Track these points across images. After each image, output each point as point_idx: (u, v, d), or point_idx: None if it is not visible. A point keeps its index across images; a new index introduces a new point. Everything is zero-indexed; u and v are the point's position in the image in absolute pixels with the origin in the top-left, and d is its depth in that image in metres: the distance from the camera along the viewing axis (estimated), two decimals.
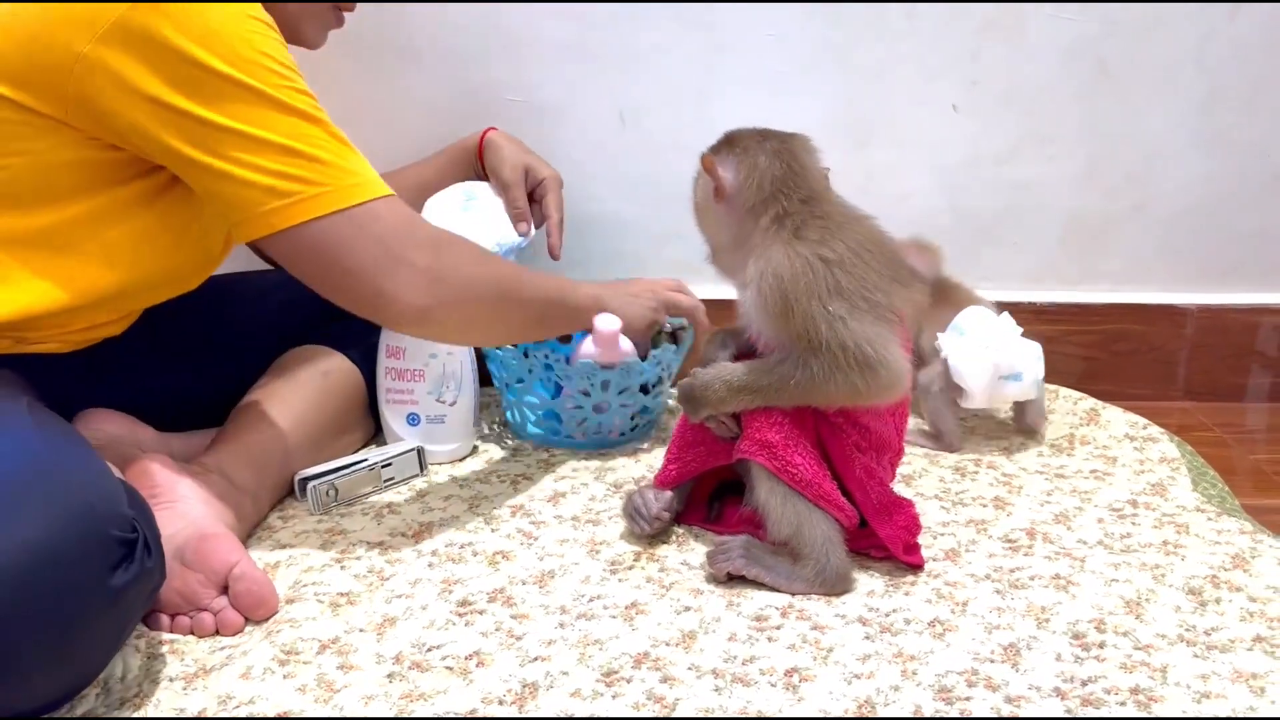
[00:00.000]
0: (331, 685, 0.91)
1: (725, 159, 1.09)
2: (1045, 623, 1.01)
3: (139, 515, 0.87)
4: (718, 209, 1.10)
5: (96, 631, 0.84)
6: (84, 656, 0.85)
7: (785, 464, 1.05)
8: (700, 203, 1.13)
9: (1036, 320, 1.63)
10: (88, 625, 0.82)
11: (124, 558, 0.84)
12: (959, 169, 1.61)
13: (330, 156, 1.02)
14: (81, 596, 0.81)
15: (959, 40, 1.55)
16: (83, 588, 0.81)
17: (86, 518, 0.82)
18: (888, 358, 1.03)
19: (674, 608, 1.03)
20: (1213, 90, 1.58)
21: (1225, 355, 1.65)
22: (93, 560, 0.81)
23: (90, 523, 0.82)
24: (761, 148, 1.08)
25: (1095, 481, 1.31)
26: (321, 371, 1.31)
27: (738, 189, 1.08)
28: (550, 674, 0.93)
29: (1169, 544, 1.15)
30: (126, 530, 0.84)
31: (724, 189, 1.08)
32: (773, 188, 1.07)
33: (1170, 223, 1.63)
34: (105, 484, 0.87)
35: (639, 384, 1.37)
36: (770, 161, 1.07)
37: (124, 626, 0.89)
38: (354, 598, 1.05)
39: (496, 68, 1.55)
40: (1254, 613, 1.02)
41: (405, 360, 1.32)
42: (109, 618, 0.84)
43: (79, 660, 0.84)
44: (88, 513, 0.82)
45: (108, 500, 0.85)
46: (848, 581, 1.07)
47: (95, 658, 0.86)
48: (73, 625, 0.81)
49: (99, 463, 0.90)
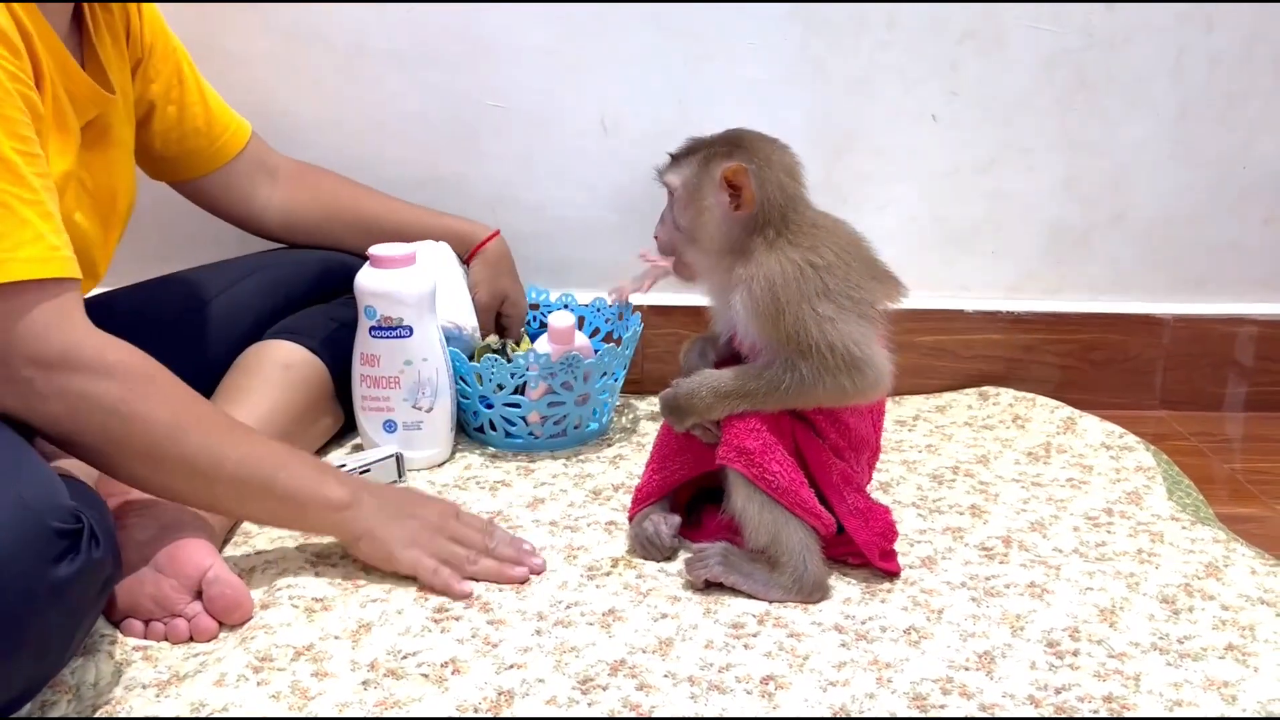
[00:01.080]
0: (306, 692, 0.91)
1: (749, 169, 1.06)
2: (1020, 630, 1.01)
3: (84, 506, 0.86)
4: (728, 217, 1.08)
5: (46, 626, 0.82)
6: (38, 652, 0.83)
7: (762, 471, 1.05)
8: (708, 209, 1.09)
9: (1015, 329, 1.64)
10: (34, 620, 0.80)
11: (67, 549, 0.82)
12: (938, 179, 1.61)
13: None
14: (22, 591, 0.79)
15: (939, 51, 1.56)
16: (22, 582, 0.79)
17: (16, 509, 0.80)
18: (873, 357, 1.04)
19: (651, 615, 1.03)
20: (1189, 102, 1.59)
21: (1202, 365, 1.66)
22: (30, 554, 0.80)
23: (22, 514, 0.80)
24: (780, 161, 1.08)
25: (1071, 490, 1.32)
26: (282, 365, 1.30)
27: (758, 202, 1.07)
28: (526, 681, 0.93)
29: (1144, 552, 1.16)
30: (68, 521, 0.83)
31: (749, 201, 1.07)
32: (785, 202, 1.07)
33: (1147, 233, 1.65)
34: (36, 476, 0.85)
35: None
36: (788, 178, 1.08)
37: (78, 619, 0.87)
38: (329, 603, 1.04)
39: (478, 73, 1.55)
40: (1226, 621, 1.03)
41: (380, 367, 1.32)
42: (57, 611, 0.83)
43: (33, 656, 0.83)
44: (17, 504, 0.80)
45: (42, 492, 0.83)
46: (825, 589, 1.07)
47: (51, 654, 0.85)
48: (21, 623, 0.79)
49: (30, 455, 0.87)
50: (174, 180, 1.38)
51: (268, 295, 1.39)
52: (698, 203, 1.09)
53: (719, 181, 1.07)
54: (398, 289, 1.30)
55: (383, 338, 1.31)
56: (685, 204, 1.10)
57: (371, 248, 1.32)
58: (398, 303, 1.30)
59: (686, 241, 1.12)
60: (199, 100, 1.33)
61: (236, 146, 1.38)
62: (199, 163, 1.36)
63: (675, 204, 1.11)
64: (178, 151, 1.33)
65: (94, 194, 1.13)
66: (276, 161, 1.44)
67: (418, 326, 1.31)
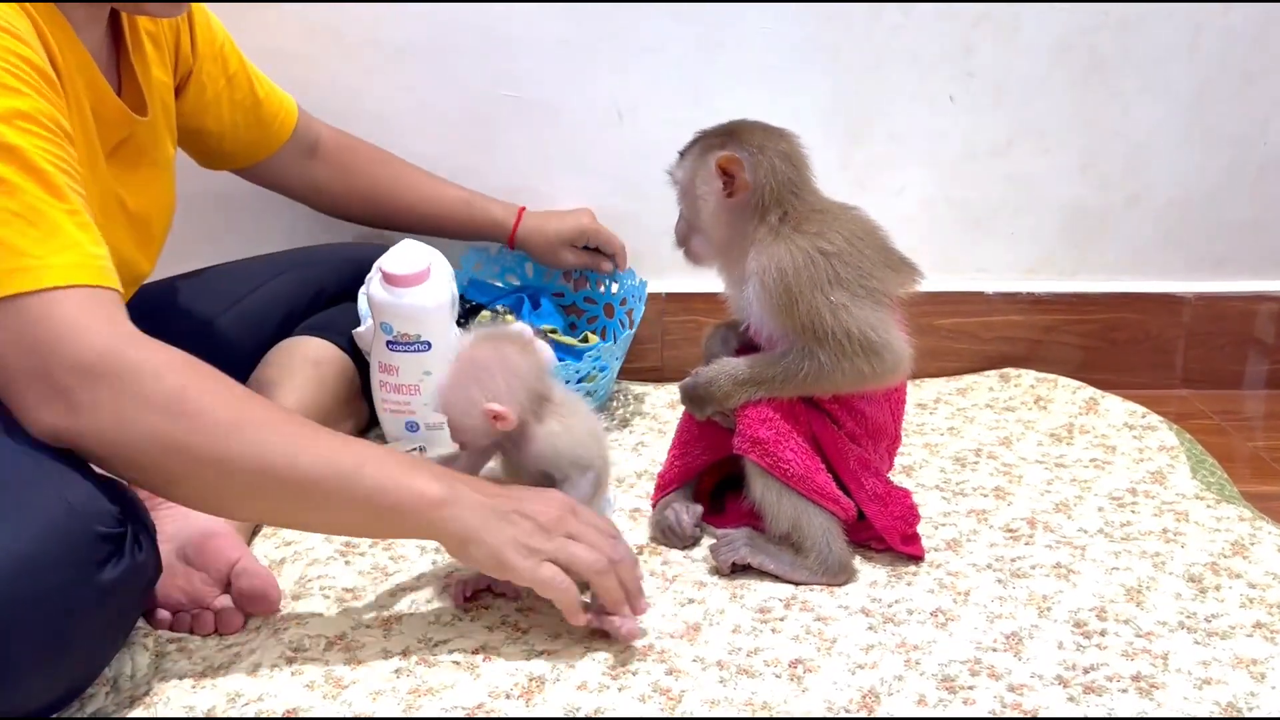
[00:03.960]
0: (339, 682, 0.92)
1: (740, 157, 1.07)
2: (1047, 611, 1.01)
3: (126, 509, 0.86)
4: (724, 204, 1.09)
5: (91, 629, 0.83)
6: (82, 655, 0.84)
7: (777, 460, 1.06)
8: (702, 197, 1.10)
9: (1034, 310, 1.64)
10: (80, 624, 0.81)
11: (111, 553, 0.82)
12: (954, 162, 1.61)
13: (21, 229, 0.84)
14: (70, 596, 0.80)
15: (953, 34, 1.55)
16: (70, 587, 0.79)
17: (65, 516, 0.80)
18: (891, 341, 1.04)
19: (678, 600, 1.04)
20: (1205, 81, 1.58)
21: (1223, 343, 1.66)
22: (77, 558, 0.80)
23: (69, 521, 0.80)
24: (775, 148, 1.08)
25: (1095, 470, 1.32)
26: (313, 362, 1.30)
27: (752, 188, 1.07)
28: (557, 668, 0.93)
29: (1169, 532, 1.16)
30: (111, 525, 0.83)
31: (742, 188, 1.07)
32: (782, 188, 1.07)
33: (1165, 213, 1.64)
34: (80, 479, 0.84)
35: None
36: (783, 164, 1.08)
37: (121, 622, 0.88)
38: (359, 593, 1.05)
39: (492, 64, 1.55)
40: (1254, 599, 1.03)
41: (399, 376, 1.31)
42: (102, 614, 0.84)
43: (77, 659, 0.84)
44: (65, 511, 0.80)
45: (86, 497, 0.83)
46: (850, 571, 1.07)
47: (95, 655, 0.86)
48: (65, 626, 0.80)
49: (72, 458, 0.86)
50: (229, 169, 1.39)
51: (299, 293, 1.40)
52: (695, 192, 1.10)
53: (713, 170, 1.08)
54: (412, 306, 1.27)
55: (401, 351, 1.30)
56: (687, 195, 1.11)
57: (383, 260, 1.29)
58: (414, 320, 1.28)
59: (693, 231, 1.13)
60: (249, 93, 1.31)
61: (288, 131, 1.38)
62: (254, 152, 1.36)
63: (681, 197, 1.13)
64: (233, 148, 1.34)
65: (131, 214, 1.12)
66: (317, 132, 1.43)
67: (436, 339, 1.29)
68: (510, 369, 0.97)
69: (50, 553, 0.78)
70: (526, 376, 0.98)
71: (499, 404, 0.95)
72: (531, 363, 1.00)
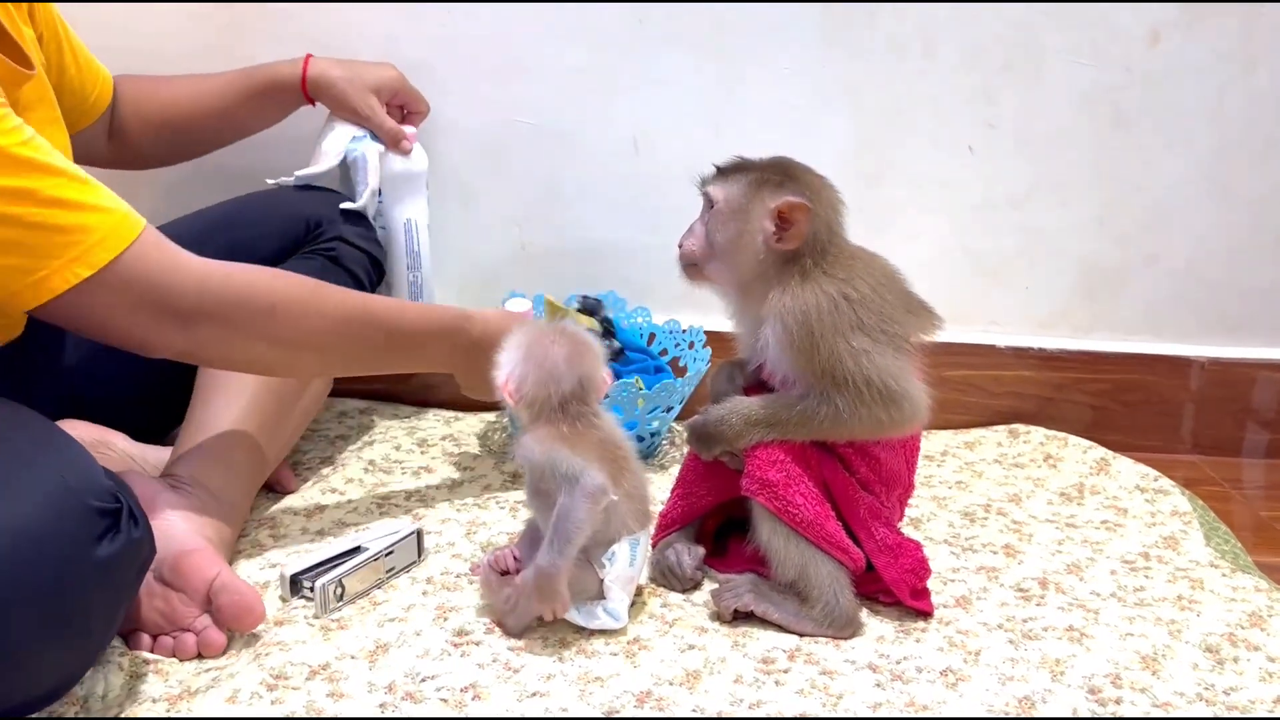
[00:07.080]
0: (321, 713, 0.88)
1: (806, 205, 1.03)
2: (1060, 675, 0.98)
3: (119, 487, 0.86)
4: (769, 247, 1.04)
5: (90, 606, 0.83)
6: (82, 634, 0.83)
7: (786, 504, 1.02)
8: (748, 233, 1.05)
9: (1045, 367, 1.61)
10: (80, 600, 0.81)
11: (109, 528, 0.83)
12: (972, 211, 1.59)
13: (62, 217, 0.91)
14: (69, 572, 0.80)
15: (976, 82, 1.54)
16: (69, 563, 0.80)
17: (61, 492, 0.81)
18: (909, 390, 1.02)
19: (678, 645, 1.00)
20: (1227, 142, 1.57)
21: (1233, 409, 1.63)
22: (75, 534, 0.81)
23: (66, 497, 0.81)
24: (828, 198, 1.06)
25: (1107, 532, 1.28)
26: None
27: (804, 239, 1.04)
28: (549, 710, 0.89)
29: (1184, 599, 1.12)
30: (107, 501, 0.83)
31: (795, 237, 1.04)
32: (829, 239, 1.05)
33: (1182, 273, 1.62)
34: (75, 457, 0.86)
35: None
36: (833, 215, 1.06)
37: (119, 600, 0.87)
38: (345, 622, 1.01)
39: (509, 89, 1.53)
40: (1273, 673, 0.99)
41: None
42: (101, 591, 0.83)
43: (78, 638, 0.83)
44: (61, 486, 0.81)
45: (82, 473, 0.84)
46: (857, 624, 1.04)
47: (94, 634, 0.85)
48: (65, 602, 0.80)
49: (65, 437, 0.88)
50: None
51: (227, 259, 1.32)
52: (739, 224, 1.06)
53: (770, 211, 1.04)
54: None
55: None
56: (725, 221, 1.06)
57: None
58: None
59: (716, 258, 1.08)
60: (74, 62, 1.24)
61: (106, 100, 1.30)
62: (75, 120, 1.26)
63: (714, 218, 1.07)
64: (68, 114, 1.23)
65: None
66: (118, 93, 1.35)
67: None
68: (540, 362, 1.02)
69: (48, 528, 0.79)
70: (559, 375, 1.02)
71: (510, 384, 1.03)
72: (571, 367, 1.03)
